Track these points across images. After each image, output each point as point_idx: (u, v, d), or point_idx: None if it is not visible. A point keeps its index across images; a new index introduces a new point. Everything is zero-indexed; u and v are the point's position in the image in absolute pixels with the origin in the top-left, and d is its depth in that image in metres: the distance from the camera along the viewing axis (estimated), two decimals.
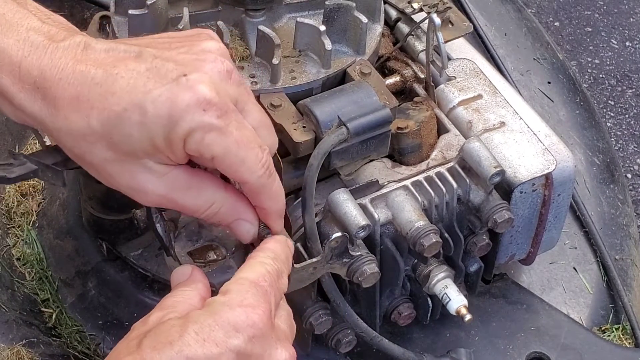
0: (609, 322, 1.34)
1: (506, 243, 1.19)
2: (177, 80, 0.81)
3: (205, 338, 0.78)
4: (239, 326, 0.80)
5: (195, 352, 0.77)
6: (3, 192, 1.40)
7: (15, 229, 1.38)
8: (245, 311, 0.81)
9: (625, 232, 1.47)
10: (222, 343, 0.79)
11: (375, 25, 1.16)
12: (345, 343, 1.12)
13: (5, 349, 1.20)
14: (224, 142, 0.83)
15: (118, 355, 0.80)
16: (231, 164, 0.84)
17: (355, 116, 1.04)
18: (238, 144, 0.84)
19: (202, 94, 0.81)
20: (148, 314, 0.85)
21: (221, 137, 0.83)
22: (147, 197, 0.86)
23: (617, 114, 2.83)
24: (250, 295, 0.82)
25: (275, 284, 0.86)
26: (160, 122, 0.81)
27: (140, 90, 0.81)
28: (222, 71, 0.84)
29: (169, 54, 0.84)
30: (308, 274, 1.00)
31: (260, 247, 0.90)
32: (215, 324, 0.79)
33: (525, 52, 1.67)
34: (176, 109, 0.81)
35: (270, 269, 0.87)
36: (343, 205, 1.03)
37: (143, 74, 0.81)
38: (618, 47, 3.01)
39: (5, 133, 1.45)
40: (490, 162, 1.07)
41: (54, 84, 0.81)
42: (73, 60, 0.81)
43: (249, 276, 0.85)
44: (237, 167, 0.85)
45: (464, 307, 1.09)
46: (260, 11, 1.13)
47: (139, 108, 0.80)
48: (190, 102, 0.81)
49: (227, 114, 0.83)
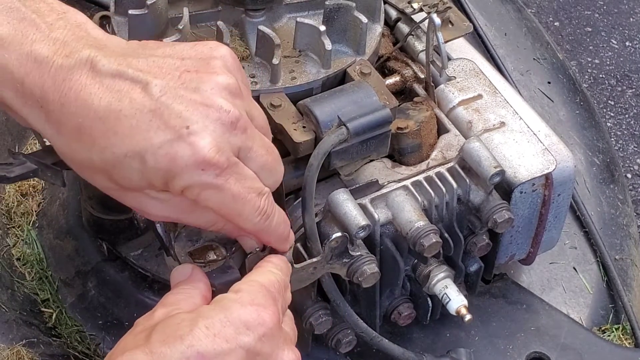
0: (609, 322, 1.34)
1: (506, 243, 1.19)
2: (179, 132, 0.80)
3: (216, 333, 0.78)
4: (250, 324, 0.80)
5: (206, 347, 0.77)
6: (3, 192, 1.40)
7: (15, 229, 1.38)
8: (257, 310, 0.81)
9: (625, 232, 1.47)
10: (232, 339, 0.79)
11: (375, 25, 1.16)
12: (345, 343, 1.12)
13: (5, 349, 1.20)
14: (220, 198, 0.83)
15: (124, 348, 0.79)
16: (227, 215, 0.85)
17: (355, 116, 1.04)
18: (235, 198, 0.84)
19: (201, 154, 0.80)
20: (152, 310, 0.85)
21: (218, 194, 0.83)
22: (152, 217, 0.88)
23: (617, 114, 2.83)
24: (261, 296, 0.83)
25: (282, 292, 0.87)
26: (159, 174, 0.81)
27: (142, 136, 0.80)
28: (226, 123, 0.82)
29: (175, 92, 0.82)
30: (308, 274, 1.00)
31: (268, 259, 0.91)
32: (226, 319, 0.79)
33: (525, 52, 1.67)
34: (175, 165, 0.81)
35: (279, 279, 0.87)
36: (343, 205, 1.03)
37: (146, 115, 0.80)
38: (618, 47, 3.01)
39: (5, 133, 1.45)
40: (490, 162, 1.07)
41: (56, 109, 0.81)
42: (77, 84, 0.80)
43: (260, 279, 0.86)
44: (233, 218, 0.86)
45: (464, 307, 1.09)
46: (260, 11, 1.13)
47: (139, 157, 0.81)
48: (189, 161, 0.80)
49: (226, 170, 0.82)
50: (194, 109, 0.81)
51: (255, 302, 0.82)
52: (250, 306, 0.81)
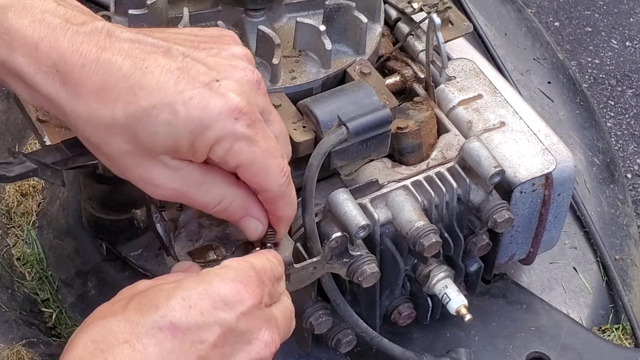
0: (609, 322, 1.34)
1: (506, 243, 1.19)
2: (210, 85, 0.81)
3: (192, 305, 0.77)
4: (228, 299, 0.79)
5: (180, 318, 0.76)
6: (3, 192, 1.40)
7: (15, 229, 1.38)
8: (237, 287, 0.80)
9: (625, 232, 1.47)
10: (207, 313, 0.78)
11: (375, 25, 1.16)
12: (345, 343, 1.12)
13: (5, 349, 1.20)
14: (251, 151, 0.83)
15: (100, 316, 0.78)
16: (256, 172, 0.85)
17: (355, 116, 1.04)
18: (264, 153, 0.84)
19: (234, 102, 0.81)
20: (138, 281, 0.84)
21: (249, 146, 0.83)
22: (158, 190, 0.86)
23: (617, 114, 2.83)
24: (246, 275, 0.82)
25: (273, 281, 0.85)
26: (190, 125, 0.80)
27: (171, 89, 0.80)
28: (252, 80, 0.84)
29: (198, 54, 0.83)
30: (308, 274, 1.00)
31: (268, 251, 0.90)
32: (205, 292, 0.78)
33: (525, 52, 1.67)
34: (208, 114, 0.80)
35: (274, 267, 0.86)
36: (343, 205, 1.03)
37: (174, 72, 0.80)
38: (618, 47, 3.01)
39: (5, 133, 1.45)
40: (490, 162, 1.07)
41: (76, 69, 0.80)
42: (96, 47, 0.80)
43: (252, 261, 0.85)
44: (261, 176, 0.85)
45: (464, 307, 1.09)
46: (260, 11, 1.13)
47: (169, 107, 0.80)
48: (223, 109, 0.80)
49: (256, 124, 0.83)
50: (220, 67, 0.82)
51: (238, 280, 0.80)
52: (232, 282, 0.80)
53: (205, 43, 0.85)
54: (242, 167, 0.84)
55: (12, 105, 1.41)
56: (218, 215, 0.90)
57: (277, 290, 0.87)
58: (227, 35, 0.89)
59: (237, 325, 0.79)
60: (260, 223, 0.91)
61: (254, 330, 0.81)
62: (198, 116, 0.80)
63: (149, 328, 0.76)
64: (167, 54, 0.82)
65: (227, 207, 0.88)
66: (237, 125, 0.81)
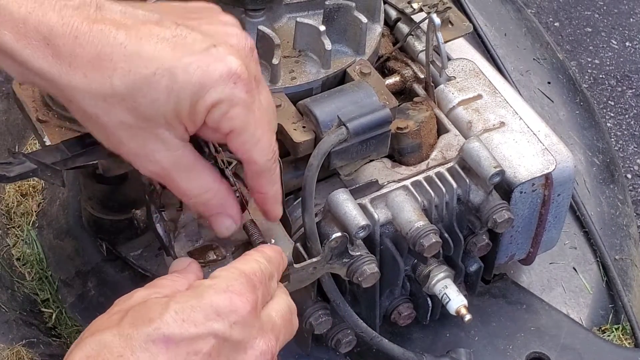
0: (609, 322, 1.34)
1: (506, 243, 1.19)
2: (208, 50, 0.81)
3: (185, 318, 0.77)
4: (221, 310, 0.79)
5: (173, 331, 0.77)
6: (3, 192, 1.40)
7: (15, 229, 1.38)
8: (230, 297, 0.80)
9: (625, 232, 1.47)
10: (201, 325, 0.78)
11: (375, 25, 1.16)
12: (345, 343, 1.12)
13: (5, 349, 1.20)
14: (246, 117, 0.84)
15: (98, 328, 0.79)
16: (246, 141, 0.85)
17: (355, 116, 1.04)
18: (257, 122, 0.85)
19: (233, 67, 0.81)
20: (134, 291, 0.84)
21: (245, 112, 0.83)
22: (149, 166, 0.86)
23: (617, 114, 2.83)
24: (237, 283, 0.82)
25: (265, 282, 0.85)
26: (190, 89, 0.81)
27: (169, 56, 0.80)
28: (246, 47, 0.85)
29: (191, 23, 0.83)
30: (308, 274, 1.00)
31: (257, 249, 0.90)
32: (197, 305, 0.79)
33: (525, 52, 1.67)
34: (208, 77, 0.80)
35: (264, 267, 0.86)
36: (343, 205, 1.03)
37: (169, 40, 0.81)
38: (618, 47, 3.01)
39: (5, 133, 1.45)
40: (490, 162, 1.07)
41: (69, 42, 0.79)
42: (87, 19, 0.79)
43: (241, 267, 0.84)
44: (251, 145, 0.86)
45: (463, 307, 1.09)
46: (259, 11, 1.13)
47: (169, 73, 0.80)
48: (223, 73, 0.81)
49: (252, 91, 0.83)
50: (215, 34, 0.83)
51: (230, 289, 0.80)
52: (224, 293, 0.80)
53: (195, 13, 0.86)
54: (235, 133, 0.84)
55: (12, 105, 1.41)
56: (193, 208, 0.91)
57: (270, 288, 0.87)
58: (214, 7, 0.89)
59: (231, 335, 0.79)
60: (234, 222, 0.91)
61: (248, 339, 0.81)
62: (198, 81, 0.80)
63: (142, 341, 0.76)
64: (160, 24, 0.82)
65: (206, 201, 0.89)
66: (236, 90, 0.82)
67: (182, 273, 0.88)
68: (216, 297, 0.80)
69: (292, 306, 0.89)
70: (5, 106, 1.46)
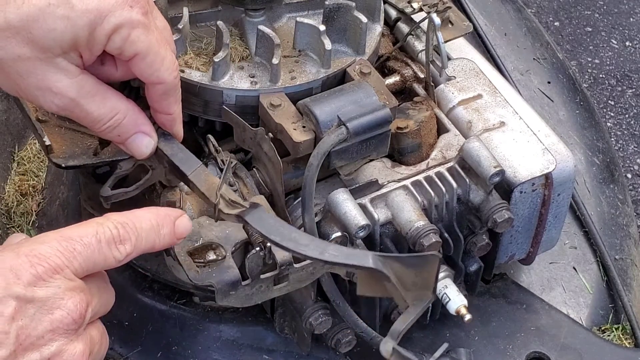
0: (609, 322, 1.34)
1: (506, 243, 1.19)
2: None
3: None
4: (20, 273, 0.79)
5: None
6: (3, 192, 1.40)
7: (15, 229, 1.37)
8: (30, 260, 0.80)
9: (625, 232, 1.47)
10: (1, 289, 0.78)
11: (375, 25, 1.16)
12: (345, 343, 1.12)
13: None
14: (147, 39, 0.85)
15: None
16: (152, 62, 0.87)
17: (355, 116, 1.04)
18: (159, 42, 0.87)
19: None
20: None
21: (146, 34, 0.85)
22: (55, 100, 0.86)
23: (617, 114, 2.83)
24: (46, 247, 0.81)
25: (96, 246, 0.84)
26: (87, 17, 0.82)
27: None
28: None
29: None
30: (308, 274, 1.00)
31: (123, 213, 0.88)
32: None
33: (525, 52, 1.67)
34: (105, 4, 0.82)
35: (104, 231, 0.85)
36: (343, 205, 1.03)
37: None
38: (618, 47, 3.00)
39: (5, 133, 1.45)
40: (490, 162, 1.07)
41: None
42: None
43: (67, 231, 0.84)
44: (157, 65, 0.87)
45: (463, 307, 1.09)
46: (260, 11, 1.13)
47: (64, 2, 0.81)
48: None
49: (149, 14, 0.86)
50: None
51: (33, 253, 0.80)
52: (25, 257, 0.80)
53: None
54: (140, 56, 0.86)
55: (12, 105, 1.41)
56: (109, 135, 0.91)
57: (116, 254, 0.85)
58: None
59: (33, 296, 0.79)
60: (151, 139, 0.93)
61: (55, 298, 0.80)
62: (95, 7, 0.82)
63: None
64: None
65: (119, 123, 0.90)
66: (133, 13, 0.84)
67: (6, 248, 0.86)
68: (16, 260, 0.80)
69: (107, 283, 0.89)
70: (5, 106, 1.46)
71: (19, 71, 0.84)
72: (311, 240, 0.90)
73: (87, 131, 1.02)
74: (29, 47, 0.83)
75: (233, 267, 0.95)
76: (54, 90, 0.86)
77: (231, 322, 1.19)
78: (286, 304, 1.11)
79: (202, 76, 1.07)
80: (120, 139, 0.92)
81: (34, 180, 1.41)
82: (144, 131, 0.92)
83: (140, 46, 0.85)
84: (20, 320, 0.79)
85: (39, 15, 0.81)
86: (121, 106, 0.90)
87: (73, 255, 0.82)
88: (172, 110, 0.92)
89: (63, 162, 1.01)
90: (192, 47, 1.10)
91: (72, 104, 0.87)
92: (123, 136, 0.91)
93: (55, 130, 1.03)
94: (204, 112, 1.10)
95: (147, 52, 0.86)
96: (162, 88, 0.90)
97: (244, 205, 0.92)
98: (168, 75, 0.89)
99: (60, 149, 1.02)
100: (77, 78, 0.86)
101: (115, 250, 0.85)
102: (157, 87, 0.90)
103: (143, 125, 0.92)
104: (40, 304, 0.80)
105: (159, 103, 0.91)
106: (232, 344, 1.18)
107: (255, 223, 0.91)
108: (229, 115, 1.06)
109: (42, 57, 0.83)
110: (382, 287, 0.89)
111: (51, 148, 1.01)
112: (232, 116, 1.06)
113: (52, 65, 0.84)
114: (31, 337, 0.79)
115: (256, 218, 0.92)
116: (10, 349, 0.78)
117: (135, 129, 0.92)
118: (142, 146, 0.93)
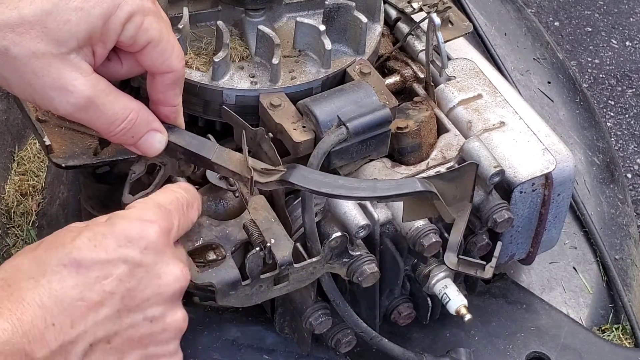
0: (609, 322, 1.34)
1: (506, 243, 1.19)
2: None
3: (97, 245, 0.81)
4: (132, 237, 0.82)
5: (84, 256, 0.80)
6: (3, 192, 1.40)
7: (15, 229, 1.38)
8: (141, 224, 0.84)
9: (625, 232, 1.47)
10: (112, 251, 0.81)
11: (375, 25, 1.16)
12: (345, 343, 1.12)
13: None
14: (159, 26, 0.87)
15: (18, 254, 0.83)
16: (164, 50, 0.88)
17: (355, 116, 1.04)
18: (168, 31, 0.88)
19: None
20: None
21: (157, 21, 0.87)
22: (71, 99, 0.86)
23: (617, 114, 2.83)
24: (150, 212, 0.85)
25: (182, 209, 0.89)
26: (101, 6, 0.83)
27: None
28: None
29: None
30: (308, 274, 1.00)
31: (175, 185, 0.94)
32: (109, 232, 0.82)
33: (525, 52, 1.67)
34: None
35: (180, 196, 0.89)
36: (343, 205, 1.03)
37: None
38: (618, 47, 3.01)
39: (5, 133, 1.45)
40: (490, 161, 1.07)
41: None
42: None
43: (156, 197, 0.88)
44: (168, 53, 0.89)
45: (463, 307, 1.09)
46: (260, 11, 1.13)
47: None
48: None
49: (156, 2, 0.88)
50: None
51: (142, 218, 0.84)
52: (136, 221, 0.84)
53: None
54: (152, 44, 0.87)
55: (12, 105, 1.41)
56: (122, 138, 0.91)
57: (189, 216, 0.90)
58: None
59: (142, 261, 0.82)
60: (163, 135, 0.93)
61: (161, 264, 0.84)
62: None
63: (54, 265, 0.80)
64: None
65: (133, 123, 0.90)
66: (145, 1, 0.86)
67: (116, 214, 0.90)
68: (128, 225, 0.83)
69: None
70: (5, 106, 1.46)
71: (34, 69, 0.84)
72: (359, 182, 0.95)
73: (87, 131, 1.02)
74: (44, 42, 0.83)
75: (233, 267, 0.95)
76: (70, 88, 0.85)
77: (231, 322, 1.19)
78: (286, 304, 1.11)
79: (202, 76, 1.07)
80: (133, 140, 0.92)
81: (34, 180, 1.41)
82: (155, 128, 0.93)
83: (153, 33, 0.87)
84: (128, 283, 0.82)
85: (52, 8, 0.82)
86: (133, 105, 0.90)
87: (172, 220, 0.87)
88: (176, 101, 0.93)
89: (63, 162, 1.01)
90: (192, 47, 1.10)
91: (88, 102, 0.87)
92: (137, 136, 0.92)
93: (55, 130, 1.03)
94: (204, 112, 1.10)
95: (160, 40, 0.87)
96: (171, 77, 0.91)
97: (280, 170, 0.94)
98: (178, 62, 0.90)
99: (60, 149, 1.02)
100: (91, 76, 0.86)
101: (193, 213, 0.91)
102: (165, 76, 0.91)
103: (154, 122, 0.93)
104: (148, 268, 0.83)
105: (165, 94, 0.92)
106: (232, 344, 1.18)
107: (300, 182, 0.93)
108: (229, 115, 1.06)
109: (57, 53, 0.83)
110: (428, 207, 0.97)
111: (51, 148, 1.01)
112: (232, 116, 1.06)
113: (66, 63, 0.84)
114: (136, 299, 0.82)
115: (300, 177, 0.94)
116: (115, 308, 0.81)
117: (148, 127, 0.92)
118: (155, 143, 0.93)
